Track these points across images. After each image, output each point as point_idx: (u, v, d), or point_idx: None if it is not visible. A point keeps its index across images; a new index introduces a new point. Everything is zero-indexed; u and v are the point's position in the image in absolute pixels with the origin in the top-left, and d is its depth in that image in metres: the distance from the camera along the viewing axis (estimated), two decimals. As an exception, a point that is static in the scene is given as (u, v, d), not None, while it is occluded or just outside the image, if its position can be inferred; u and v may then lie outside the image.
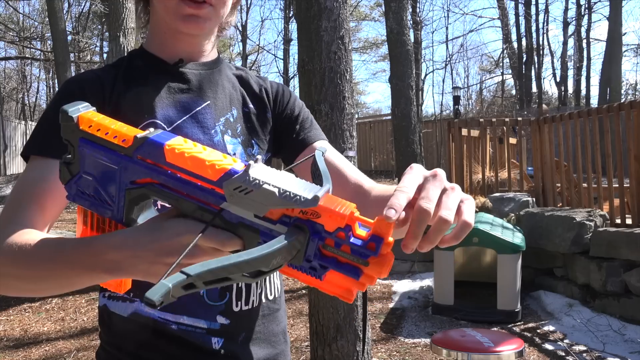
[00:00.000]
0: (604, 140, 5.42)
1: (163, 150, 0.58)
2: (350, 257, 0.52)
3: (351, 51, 3.19)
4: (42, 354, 4.30)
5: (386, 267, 0.51)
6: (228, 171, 0.55)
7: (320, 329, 3.09)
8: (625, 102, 5.28)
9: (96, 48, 24.13)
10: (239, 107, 1.02)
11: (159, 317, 0.92)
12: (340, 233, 0.51)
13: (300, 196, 0.52)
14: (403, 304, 5.22)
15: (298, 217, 0.53)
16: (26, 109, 26.56)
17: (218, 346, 0.93)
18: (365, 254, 0.51)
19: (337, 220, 0.51)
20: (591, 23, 22.93)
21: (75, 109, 0.64)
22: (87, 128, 0.62)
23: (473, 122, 7.70)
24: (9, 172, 16.11)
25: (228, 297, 0.94)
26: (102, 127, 0.62)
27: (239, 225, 0.56)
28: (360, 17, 23.77)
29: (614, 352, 3.91)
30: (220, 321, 0.93)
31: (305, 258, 0.52)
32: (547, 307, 4.93)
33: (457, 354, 2.68)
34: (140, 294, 0.93)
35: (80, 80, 0.94)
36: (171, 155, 0.58)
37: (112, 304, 0.95)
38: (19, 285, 0.77)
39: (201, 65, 1.01)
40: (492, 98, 26.03)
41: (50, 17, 9.93)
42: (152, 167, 0.59)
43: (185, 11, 0.90)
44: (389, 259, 0.51)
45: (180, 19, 0.91)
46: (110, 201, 0.63)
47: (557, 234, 4.99)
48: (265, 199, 0.53)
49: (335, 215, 0.51)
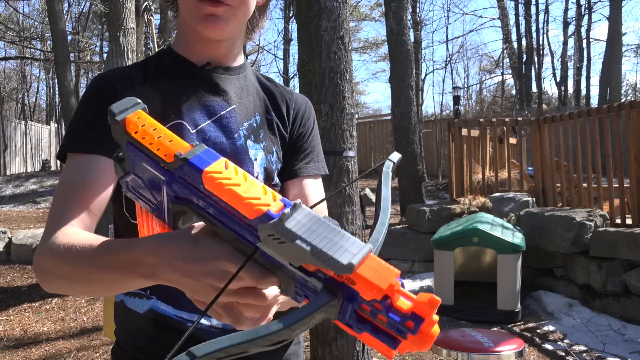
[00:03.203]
0: (604, 140, 5.43)
1: (201, 176, 0.55)
2: (387, 326, 0.48)
3: (351, 51, 3.18)
4: (42, 354, 4.30)
5: (426, 344, 0.48)
6: (264, 214, 0.52)
7: (320, 329, 3.09)
8: (625, 102, 5.28)
9: (96, 48, 24.13)
10: (262, 113, 1.03)
11: (175, 315, 0.93)
12: (377, 304, 0.48)
13: (334, 260, 0.47)
14: (403, 304, 5.22)
15: (333, 277, 0.49)
16: (26, 109, 26.55)
17: None
18: (402, 331, 0.47)
19: (373, 292, 0.48)
20: (591, 23, 22.94)
21: (124, 108, 0.61)
22: (133, 133, 0.60)
23: (473, 122, 7.70)
24: (8, 172, 16.11)
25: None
26: (148, 136, 0.59)
27: (277, 267, 0.54)
28: (360, 17, 23.76)
29: (614, 352, 3.90)
30: None
31: (339, 318, 0.49)
32: (547, 307, 4.93)
33: (457, 354, 2.68)
34: (158, 292, 0.94)
35: (110, 78, 0.95)
36: (209, 184, 0.55)
37: (129, 300, 0.96)
38: (66, 287, 0.79)
39: (228, 69, 1.01)
40: (492, 98, 26.02)
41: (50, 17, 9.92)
42: (192, 189, 0.57)
43: (204, 11, 0.90)
44: (430, 338, 0.47)
45: (200, 19, 0.91)
46: (159, 206, 0.62)
47: (557, 234, 4.99)
48: (297, 253, 0.49)
49: (371, 286, 0.48)
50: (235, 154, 0.95)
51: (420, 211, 6.27)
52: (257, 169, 0.97)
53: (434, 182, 12.71)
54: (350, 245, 0.49)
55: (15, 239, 6.87)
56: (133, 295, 0.96)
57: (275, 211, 0.52)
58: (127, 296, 0.97)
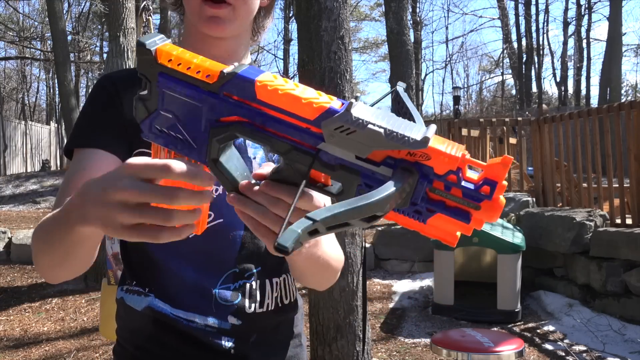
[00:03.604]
0: (604, 140, 5.42)
1: (254, 86, 0.54)
2: (460, 201, 0.49)
3: (351, 51, 3.19)
4: (42, 354, 4.30)
5: (498, 211, 0.49)
6: (327, 109, 0.51)
7: (320, 329, 3.09)
8: (625, 102, 5.28)
9: (96, 48, 24.15)
10: None
11: (171, 313, 0.93)
12: (452, 176, 0.49)
13: (408, 137, 0.48)
14: (403, 304, 5.22)
15: (405, 159, 0.50)
16: (26, 109, 26.56)
17: (228, 346, 0.93)
18: (478, 198, 0.49)
19: (449, 162, 0.48)
20: (591, 23, 22.93)
21: (152, 41, 0.59)
22: (166, 62, 0.58)
23: (473, 122, 7.70)
24: (9, 172, 16.11)
25: (240, 298, 0.95)
26: (184, 61, 0.57)
27: (338, 167, 0.53)
28: (360, 17, 23.77)
29: (614, 352, 3.90)
30: (232, 321, 0.94)
31: (412, 201, 0.50)
32: (547, 307, 4.93)
33: (457, 354, 2.68)
34: (156, 290, 0.95)
35: (115, 78, 0.98)
36: (263, 92, 0.54)
37: (128, 297, 0.97)
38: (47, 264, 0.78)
39: None
40: (492, 98, 26.03)
41: (50, 17, 9.93)
42: (240, 104, 0.55)
43: (207, 12, 0.92)
44: (501, 204, 0.49)
45: (204, 20, 0.93)
46: (192, 141, 0.58)
47: (557, 234, 4.99)
48: (369, 140, 0.49)
49: (447, 157, 0.48)
50: None
51: (420, 211, 6.26)
52: (256, 167, 0.97)
53: (434, 182, 12.71)
54: (415, 126, 0.50)
55: (15, 239, 6.87)
56: (132, 292, 0.96)
57: (337, 107, 0.51)
58: (126, 293, 0.97)
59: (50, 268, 0.79)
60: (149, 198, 0.53)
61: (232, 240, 0.95)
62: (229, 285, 0.95)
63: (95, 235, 0.68)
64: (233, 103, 0.55)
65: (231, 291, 0.94)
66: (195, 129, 0.58)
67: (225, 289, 0.94)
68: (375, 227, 7.05)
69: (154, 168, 0.53)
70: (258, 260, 0.97)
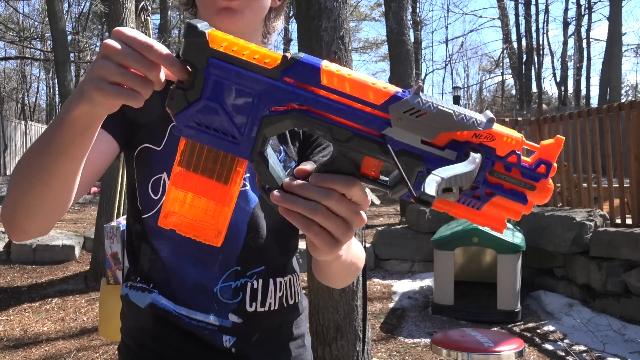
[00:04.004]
0: (604, 140, 5.42)
1: (319, 71, 0.53)
2: (517, 183, 0.51)
3: (351, 51, 3.18)
4: (42, 354, 4.29)
5: (549, 192, 0.51)
6: (394, 94, 0.52)
7: (320, 329, 3.09)
8: (625, 102, 5.28)
9: (96, 48, 24.11)
10: None
11: (174, 310, 0.93)
12: (513, 157, 0.51)
13: (476, 119, 0.50)
14: (403, 304, 5.22)
15: (470, 140, 0.51)
16: (26, 109, 26.56)
17: (229, 344, 0.93)
18: (537, 177, 0.51)
19: (512, 143, 0.51)
20: (591, 23, 22.95)
21: (204, 24, 0.55)
22: (219, 47, 0.54)
23: (473, 122, 7.66)
24: (9, 172, 16.11)
25: (242, 297, 0.95)
26: (239, 46, 0.54)
27: (401, 153, 0.53)
28: (360, 17, 23.77)
29: (614, 352, 3.90)
30: (232, 319, 0.94)
31: (473, 184, 0.51)
32: (547, 307, 4.93)
33: (457, 354, 2.68)
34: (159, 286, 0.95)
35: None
36: (329, 77, 0.53)
37: (132, 293, 0.97)
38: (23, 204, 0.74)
39: None
40: (492, 98, 26.03)
41: (50, 17, 9.92)
42: (301, 90, 0.53)
43: (218, 4, 0.92)
44: (552, 185, 0.52)
45: (216, 12, 0.92)
46: (237, 132, 0.55)
47: (557, 234, 4.99)
48: (439, 122, 0.50)
49: (510, 137, 0.51)
50: None
51: (421, 211, 6.27)
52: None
53: (434, 182, 12.70)
54: (472, 110, 0.52)
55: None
56: (136, 288, 0.97)
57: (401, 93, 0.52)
58: (130, 289, 0.98)
59: (25, 210, 0.74)
60: (130, 61, 0.56)
61: (234, 238, 0.95)
62: (230, 283, 0.94)
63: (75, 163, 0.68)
64: (292, 90, 0.53)
65: (232, 289, 0.94)
66: (242, 120, 0.55)
67: (227, 287, 0.94)
68: (375, 227, 7.05)
69: (139, 42, 0.56)
70: (262, 259, 0.97)
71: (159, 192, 0.93)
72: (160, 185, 0.93)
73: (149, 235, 0.95)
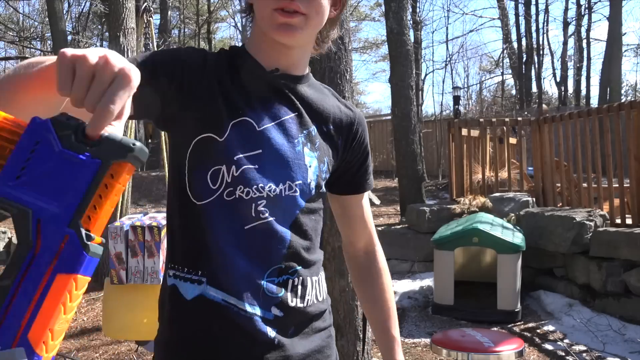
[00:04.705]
0: (604, 140, 5.43)
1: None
2: None
3: (351, 51, 3.19)
4: (42, 354, 4.29)
5: None
6: None
7: (321, 328, 3.09)
8: (625, 102, 5.28)
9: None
10: (320, 124, 1.08)
11: (223, 300, 0.96)
12: None
13: None
14: (403, 304, 5.22)
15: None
16: (26, 109, 26.52)
17: (272, 335, 0.98)
18: None
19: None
20: (591, 23, 22.91)
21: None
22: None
23: (473, 122, 7.70)
24: (9, 172, 16.07)
25: (284, 292, 1.00)
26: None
27: None
28: (360, 17, 23.76)
29: (614, 352, 3.91)
30: (275, 312, 0.99)
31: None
32: (547, 307, 4.93)
33: (457, 354, 2.68)
34: (209, 275, 0.97)
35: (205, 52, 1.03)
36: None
37: (181, 285, 0.99)
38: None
39: (295, 77, 1.06)
40: (492, 98, 26.04)
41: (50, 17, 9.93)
42: None
43: (278, 20, 0.95)
44: None
45: (275, 28, 0.96)
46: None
47: (557, 234, 5.00)
48: None
49: None
50: (293, 158, 1.00)
51: (420, 211, 6.27)
52: (311, 175, 1.02)
53: (434, 182, 12.72)
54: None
55: (15, 239, 6.88)
56: (184, 279, 0.98)
57: None
58: (179, 280, 0.99)
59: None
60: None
61: (280, 238, 1.00)
62: (273, 279, 0.99)
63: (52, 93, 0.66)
64: None
65: (275, 285, 0.99)
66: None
67: (270, 282, 0.99)
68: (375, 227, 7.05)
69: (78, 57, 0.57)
70: (300, 260, 1.03)
71: (217, 182, 0.95)
72: (219, 177, 0.95)
73: (203, 222, 0.96)
